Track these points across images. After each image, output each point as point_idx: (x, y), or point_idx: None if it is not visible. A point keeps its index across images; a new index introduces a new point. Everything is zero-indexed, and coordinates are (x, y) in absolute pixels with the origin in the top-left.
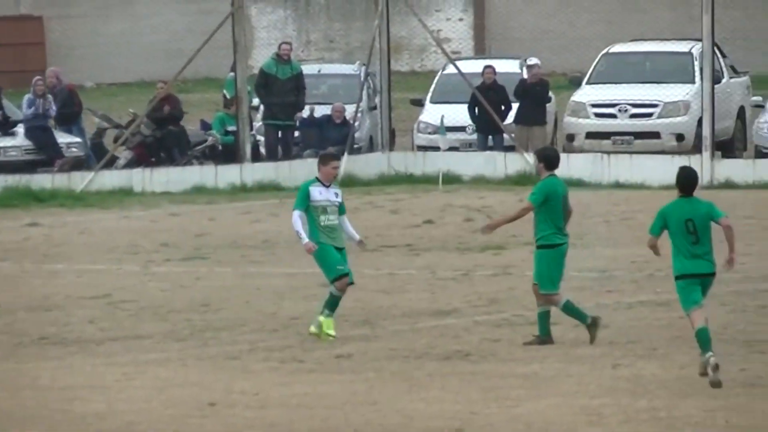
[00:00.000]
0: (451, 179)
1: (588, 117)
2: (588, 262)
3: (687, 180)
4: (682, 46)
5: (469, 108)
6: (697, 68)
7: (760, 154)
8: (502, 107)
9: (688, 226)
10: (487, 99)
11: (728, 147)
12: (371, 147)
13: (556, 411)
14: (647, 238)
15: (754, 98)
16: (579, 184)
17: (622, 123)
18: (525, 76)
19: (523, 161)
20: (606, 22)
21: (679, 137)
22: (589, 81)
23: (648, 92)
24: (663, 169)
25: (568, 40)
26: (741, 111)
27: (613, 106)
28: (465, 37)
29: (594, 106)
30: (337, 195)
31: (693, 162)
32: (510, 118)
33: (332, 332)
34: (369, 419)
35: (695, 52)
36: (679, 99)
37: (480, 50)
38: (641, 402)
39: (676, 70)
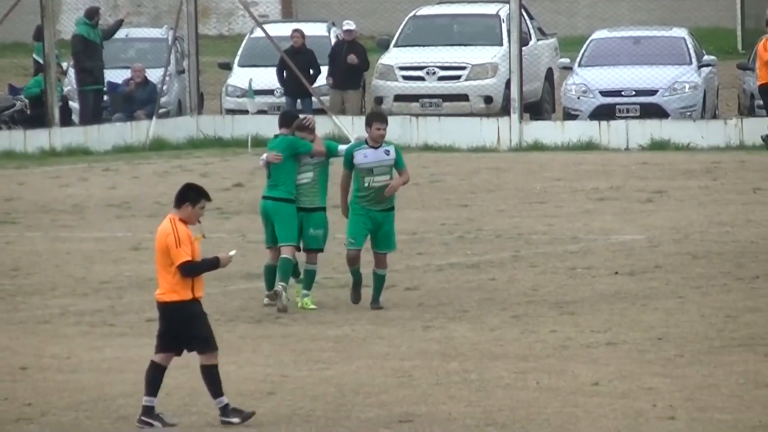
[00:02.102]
0: (261, 142)
1: (396, 80)
2: (398, 224)
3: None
4: (489, 8)
5: (277, 71)
6: (504, 30)
7: (568, 115)
8: (311, 71)
9: None
10: (295, 62)
11: (537, 109)
12: (180, 111)
13: (368, 373)
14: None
15: (562, 60)
16: None
17: (430, 85)
18: (334, 39)
19: (332, 124)
20: None
21: (488, 99)
22: (396, 44)
23: (456, 55)
24: (471, 132)
25: (376, 2)
26: (549, 73)
27: (421, 68)
28: (272, 0)
29: (402, 68)
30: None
31: (502, 124)
32: (319, 81)
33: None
34: (180, 383)
35: (503, 14)
36: (487, 61)
37: (287, 14)
38: (452, 364)
39: (483, 32)
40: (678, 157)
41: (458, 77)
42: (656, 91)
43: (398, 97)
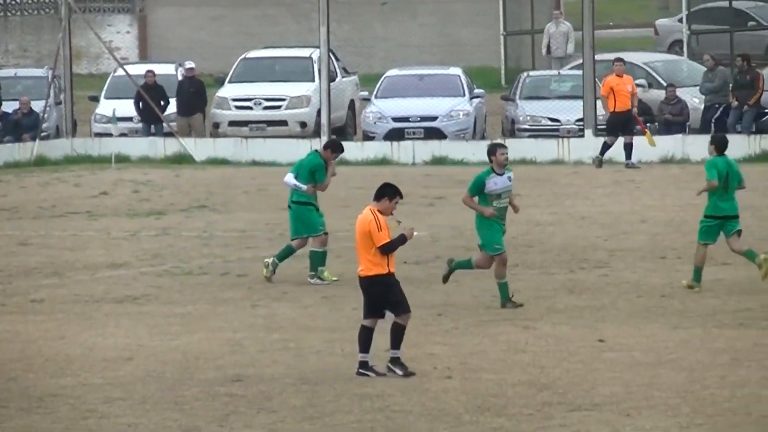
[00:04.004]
0: (122, 159)
1: (230, 109)
2: (231, 224)
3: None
4: (304, 52)
5: (135, 103)
6: (316, 69)
7: (366, 137)
8: (162, 102)
9: None
10: (149, 95)
11: (342, 132)
12: (58, 134)
13: (207, 343)
14: None
15: (362, 93)
16: (223, 162)
17: (257, 113)
18: (180, 77)
19: (179, 145)
20: (244, 33)
21: (303, 125)
22: (230, 80)
23: (277, 89)
24: (290, 150)
25: (214, 47)
26: (351, 103)
27: (249, 100)
28: (131, 46)
29: (235, 100)
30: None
31: (313, 144)
32: (169, 110)
33: None
34: (58, 350)
35: (315, 56)
36: (302, 94)
37: (143, 56)
38: (275, 335)
39: (299, 71)
40: (454, 170)
41: (279, 107)
42: (437, 118)
43: (232, 123)
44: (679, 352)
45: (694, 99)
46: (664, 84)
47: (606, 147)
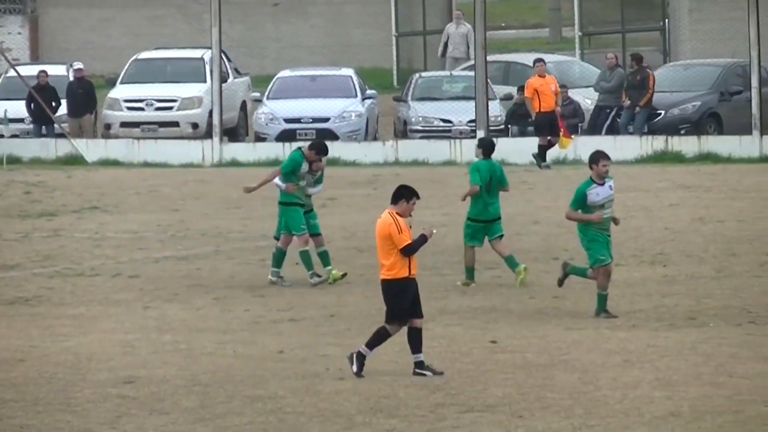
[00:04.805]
0: (14, 160)
1: (122, 110)
2: (123, 225)
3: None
4: (195, 53)
5: (26, 104)
6: (208, 70)
7: (259, 138)
8: (53, 103)
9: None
10: (41, 96)
11: (234, 133)
12: None
13: (99, 344)
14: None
15: (254, 94)
16: (115, 163)
17: (149, 114)
18: (71, 78)
19: (71, 146)
20: (135, 35)
21: (194, 126)
22: (122, 81)
23: (169, 90)
24: (181, 152)
25: (106, 48)
26: (243, 104)
27: (141, 101)
28: (23, 47)
29: (126, 101)
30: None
31: (205, 145)
32: (60, 111)
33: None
34: None
35: (206, 57)
36: (194, 95)
37: (35, 57)
38: (166, 336)
39: (191, 72)
40: (346, 171)
41: (171, 108)
42: (329, 119)
43: (123, 124)
44: (571, 353)
45: (586, 100)
46: None
47: (542, 149)
